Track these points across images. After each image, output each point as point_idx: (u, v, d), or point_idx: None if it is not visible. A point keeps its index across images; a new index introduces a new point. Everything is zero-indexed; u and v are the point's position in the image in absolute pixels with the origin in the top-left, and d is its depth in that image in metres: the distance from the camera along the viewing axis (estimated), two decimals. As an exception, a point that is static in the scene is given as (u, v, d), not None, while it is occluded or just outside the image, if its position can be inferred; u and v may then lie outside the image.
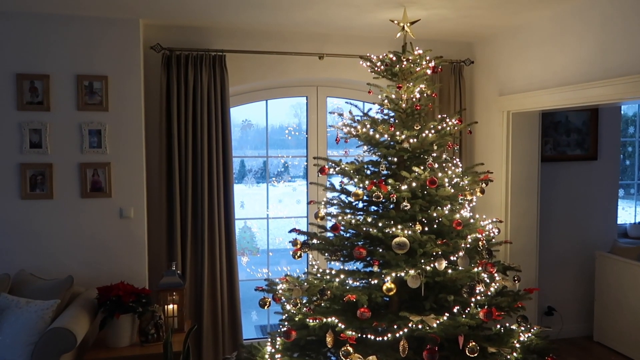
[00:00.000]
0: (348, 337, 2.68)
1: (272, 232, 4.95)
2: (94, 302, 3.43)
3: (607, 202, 5.23)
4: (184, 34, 4.11)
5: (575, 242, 5.12)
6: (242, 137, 5.27)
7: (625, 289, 4.57)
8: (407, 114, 3.12)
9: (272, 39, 4.30)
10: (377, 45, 4.38)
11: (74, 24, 3.75)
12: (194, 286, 4.14)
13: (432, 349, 2.60)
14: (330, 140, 4.70)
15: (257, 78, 4.36)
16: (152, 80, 4.05)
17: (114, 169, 3.86)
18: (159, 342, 3.40)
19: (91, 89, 3.80)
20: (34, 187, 3.74)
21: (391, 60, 3.13)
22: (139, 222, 3.93)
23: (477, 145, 4.74)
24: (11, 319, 3.15)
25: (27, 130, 3.71)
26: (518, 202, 4.34)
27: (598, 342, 4.90)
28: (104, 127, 3.83)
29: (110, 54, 3.82)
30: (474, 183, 3.08)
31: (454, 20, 3.93)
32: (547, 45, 3.86)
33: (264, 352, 3.08)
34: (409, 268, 2.71)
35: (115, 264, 3.88)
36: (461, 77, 4.63)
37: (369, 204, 3.14)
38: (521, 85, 4.15)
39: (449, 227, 2.91)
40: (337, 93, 4.73)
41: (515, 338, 2.95)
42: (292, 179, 5.70)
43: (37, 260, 3.75)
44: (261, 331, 5.24)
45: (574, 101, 3.60)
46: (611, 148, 5.21)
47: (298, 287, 2.94)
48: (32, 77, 3.70)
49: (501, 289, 3.08)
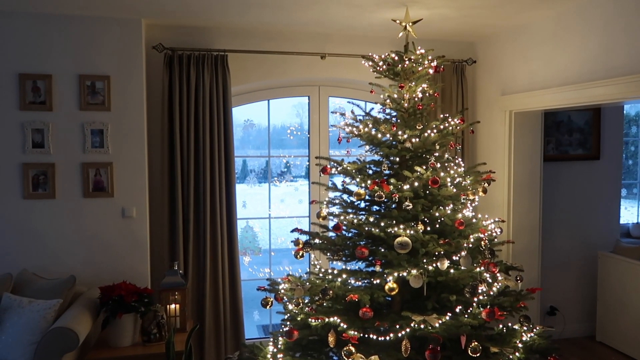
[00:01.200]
0: (350, 336, 2.68)
1: (274, 232, 4.95)
2: (96, 301, 3.44)
3: (609, 202, 5.21)
4: (186, 33, 4.11)
5: (577, 241, 5.11)
6: (244, 137, 5.27)
7: (627, 289, 4.56)
8: (409, 113, 3.12)
9: (274, 38, 4.30)
10: (379, 44, 4.38)
11: (76, 23, 3.75)
12: (196, 286, 4.14)
13: (435, 349, 2.60)
14: (332, 140, 4.70)
15: (259, 78, 4.36)
16: (155, 80, 4.06)
17: (116, 168, 3.87)
18: (161, 342, 3.41)
19: (93, 89, 3.80)
20: (37, 187, 3.75)
21: (393, 60, 3.13)
22: (141, 221, 3.94)
23: (480, 145, 4.73)
24: (14, 318, 3.16)
25: (30, 130, 3.72)
26: (520, 202, 4.34)
27: (600, 342, 4.89)
28: (106, 127, 3.83)
29: (112, 54, 3.83)
30: (476, 183, 3.08)
31: (456, 19, 3.93)
32: (549, 44, 3.85)
33: (266, 352, 3.08)
34: (411, 268, 2.70)
35: (117, 263, 3.88)
36: (463, 76, 4.62)
37: (371, 203, 3.14)
38: (523, 85, 4.14)
39: (451, 227, 2.90)
40: (339, 93, 4.73)
41: (517, 338, 2.94)
42: (294, 178, 5.70)
43: (39, 259, 3.76)
44: (263, 331, 5.24)
45: (577, 101, 3.59)
46: (614, 148, 5.20)
47: (300, 286, 2.93)
48: (35, 77, 3.70)
49: (503, 289, 3.07)
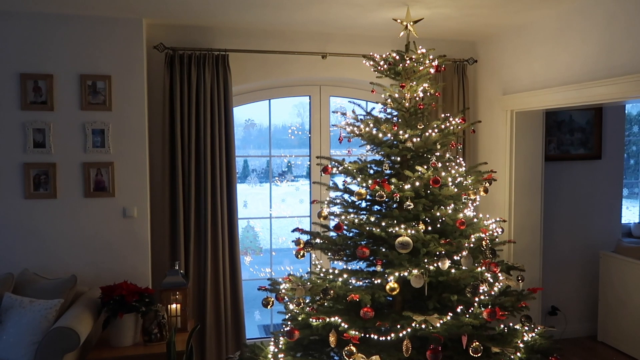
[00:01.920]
0: (351, 336, 2.67)
1: (275, 232, 4.95)
2: (97, 301, 3.43)
3: (611, 202, 5.20)
4: (187, 33, 4.11)
5: (579, 241, 5.10)
6: (245, 137, 5.28)
7: (629, 289, 4.56)
8: (410, 113, 3.11)
9: (275, 38, 4.29)
10: (380, 44, 4.37)
11: (77, 23, 3.75)
12: (197, 286, 4.14)
13: (436, 349, 2.60)
14: (333, 140, 4.70)
15: (260, 77, 4.35)
16: (155, 79, 4.05)
17: (117, 168, 3.87)
18: (162, 342, 3.41)
19: (94, 89, 3.80)
20: (38, 187, 3.75)
21: (394, 59, 3.12)
22: (142, 221, 3.93)
23: (481, 145, 4.72)
24: (15, 318, 3.16)
25: (31, 129, 3.72)
26: (522, 202, 4.33)
27: (602, 342, 4.88)
28: (107, 127, 3.83)
29: (113, 54, 3.82)
30: (478, 182, 3.07)
31: (457, 19, 3.92)
32: (551, 44, 3.84)
33: (267, 352, 3.07)
34: (413, 267, 2.70)
35: (118, 263, 3.88)
36: (464, 76, 4.61)
37: (372, 203, 3.13)
38: (525, 84, 4.13)
39: (452, 227, 2.90)
40: (340, 92, 4.72)
41: (519, 338, 2.94)
42: (295, 178, 5.71)
43: (40, 259, 3.76)
44: (264, 331, 5.24)
45: (578, 100, 3.58)
46: (615, 147, 5.18)
47: (301, 286, 2.93)
48: (36, 77, 3.70)
49: (505, 289, 3.07)
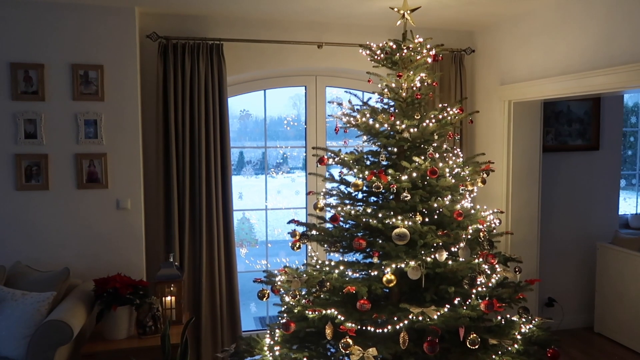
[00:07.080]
0: (348, 329, 2.66)
1: (271, 224, 4.92)
2: (90, 294, 3.40)
3: (608, 193, 5.19)
4: (181, 22, 4.05)
5: (576, 232, 5.10)
6: (241, 128, 5.23)
7: (626, 280, 4.55)
8: (407, 103, 3.08)
9: (271, 27, 4.24)
10: (376, 33, 4.33)
11: (68, 12, 3.69)
12: (192, 278, 4.11)
13: (433, 341, 2.58)
14: (330, 131, 4.66)
15: (255, 67, 4.31)
16: (149, 69, 4.00)
17: (110, 159, 3.82)
18: (157, 335, 3.38)
19: (86, 79, 3.75)
20: (30, 178, 3.70)
21: (391, 49, 3.08)
22: (136, 213, 3.89)
23: (478, 135, 4.69)
24: (7, 311, 3.12)
25: (22, 120, 3.66)
26: (519, 193, 4.32)
27: (599, 334, 4.89)
28: (100, 117, 3.78)
29: (105, 43, 3.77)
30: (475, 173, 3.05)
31: (454, 7, 3.88)
32: (549, 33, 3.80)
33: (263, 344, 3.06)
34: (409, 259, 2.68)
35: (112, 255, 3.85)
36: (462, 66, 4.57)
37: (369, 194, 3.10)
38: (523, 74, 4.10)
39: (449, 218, 2.88)
40: (337, 82, 4.68)
41: (516, 329, 2.93)
42: (291, 170, 5.67)
43: (33, 252, 3.72)
44: (260, 323, 5.22)
45: (577, 90, 3.56)
46: (613, 138, 5.17)
47: (297, 278, 2.91)
48: (27, 67, 3.64)
49: (502, 280, 3.05)
